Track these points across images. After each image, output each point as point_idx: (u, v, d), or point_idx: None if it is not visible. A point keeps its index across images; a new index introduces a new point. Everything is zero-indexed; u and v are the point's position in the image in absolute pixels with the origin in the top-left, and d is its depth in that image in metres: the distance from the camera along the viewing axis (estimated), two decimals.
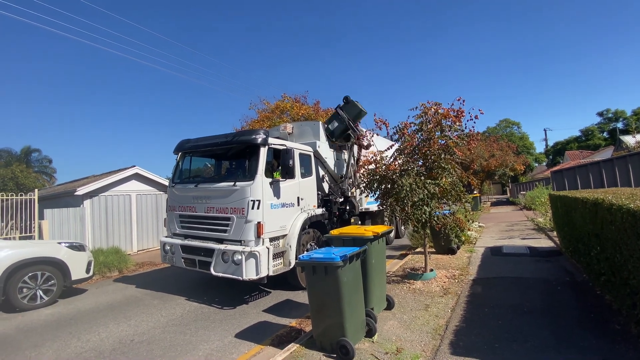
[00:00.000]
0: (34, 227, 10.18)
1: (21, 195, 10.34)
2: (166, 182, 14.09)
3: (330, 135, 8.18)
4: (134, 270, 9.43)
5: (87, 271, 7.02)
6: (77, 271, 6.76)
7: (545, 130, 63.82)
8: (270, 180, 5.96)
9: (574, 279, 5.84)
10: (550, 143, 54.70)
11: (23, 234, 9.99)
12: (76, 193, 11.22)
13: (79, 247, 7.07)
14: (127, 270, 9.33)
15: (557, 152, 52.71)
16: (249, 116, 21.15)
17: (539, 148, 57.24)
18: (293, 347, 3.87)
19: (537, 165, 55.23)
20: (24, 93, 74.34)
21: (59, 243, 6.81)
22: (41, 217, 10.71)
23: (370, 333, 4.05)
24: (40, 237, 10.03)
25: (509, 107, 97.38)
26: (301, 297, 6.07)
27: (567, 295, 5.11)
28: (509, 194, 43.51)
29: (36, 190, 11.29)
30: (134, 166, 13.17)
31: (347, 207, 8.22)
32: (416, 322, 4.47)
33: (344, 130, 8.08)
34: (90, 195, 11.63)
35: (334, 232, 4.95)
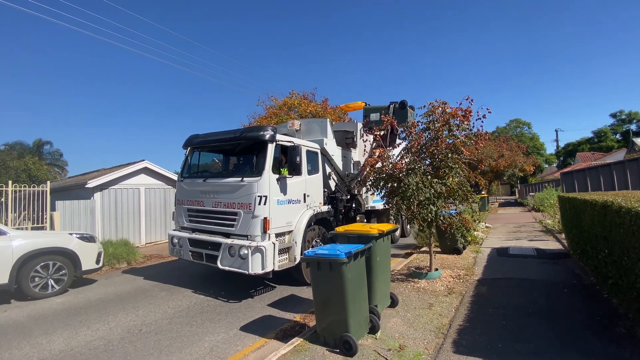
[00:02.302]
0: (45, 218, 10.40)
1: (34, 187, 10.57)
2: (174, 177, 14.26)
3: (366, 124, 8.53)
4: (142, 262, 9.59)
5: (97, 262, 7.17)
6: (88, 262, 6.91)
7: (556, 131, 62.49)
8: (277, 176, 6.01)
9: (581, 281, 5.78)
10: (562, 144, 53.93)
11: (35, 225, 10.22)
12: (87, 186, 11.42)
13: (90, 239, 7.22)
14: (135, 262, 9.49)
15: (568, 153, 51.92)
16: (256, 112, 21.31)
17: (550, 149, 56.47)
18: (297, 341, 3.92)
19: (547, 166, 54.42)
20: (36, 87, 75.62)
21: (70, 234, 6.96)
22: (53, 208, 10.94)
23: (373, 330, 4.08)
24: (52, 228, 10.24)
25: (520, 108, 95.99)
26: (305, 292, 6.13)
27: (573, 297, 5.07)
28: (517, 195, 43.02)
29: (48, 182, 11.52)
30: (143, 160, 13.34)
31: (353, 205, 8.24)
32: (420, 321, 4.49)
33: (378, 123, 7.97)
34: (101, 188, 11.83)
35: (339, 229, 4.98)
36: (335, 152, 8.08)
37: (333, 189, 7.91)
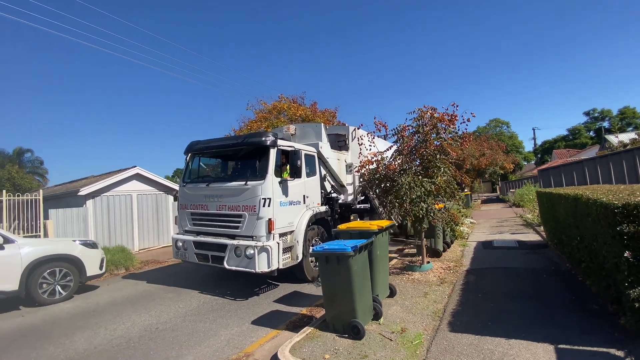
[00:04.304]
0: (39, 227, 10.36)
1: (27, 195, 10.54)
2: (166, 182, 14.35)
3: None
4: (139, 267, 9.71)
5: (100, 268, 7.33)
6: (92, 268, 7.06)
7: (534, 129, 65.02)
8: (279, 179, 6.33)
9: (559, 268, 6.38)
10: (539, 142, 56.04)
11: (28, 234, 10.16)
12: (79, 193, 11.43)
13: (92, 245, 7.37)
14: (133, 267, 9.61)
15: (545, 150, 54.03)
16: (246, 116, 21.37)
17: (528, 147, 58.62)
18: (308, 329, 4.28)
19: (526, 163, 56.47)
20: (16, 94, 73.05)
21: (74, 241, 7.10)
22: (45, 217, 10.90)
23: (377, 316, 4.49)
24: (46, 236, 10.21)
25: (498, 107, 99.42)
26: (307, 288, 6.50)
27: (552, 282, 5.63)
28: (498, 192, 44.52)
29: (41, 190, 11.48)
30: (135, 166, 13.35)
31: (364, 205, 8.55)
32: (417, 307, 4.93)
33: None
34: (93, 195, 11.84)
35: (342, 226, 5.37)
36: (329, 154, 8.43)
37: (329, 190, 8.29)
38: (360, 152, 8.04)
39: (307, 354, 3.67)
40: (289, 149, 6.62)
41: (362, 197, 8.65)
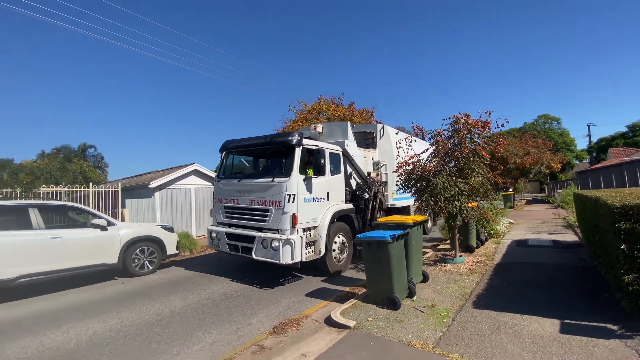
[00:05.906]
0: (117, 214, 12.25)
1: (109, 187, 12.49)
2: None
3: None
4: (201, 251, 11.22)
5: (177, 248, 8.81)
6: (170, 248, 8.55)
7: (588, 125, 60.56)
8: (304, 176, 6.63)
9: (586, 264, 6.81)
10: (595, 139, 52.24)
11: None
12: (150, 186, 13.25)
13: (170, 229, 8.87)
14: (196, 251, 11.14)
15: (600, 149, 50.41)
16: (288, 117, 22.75)
17: (582, 144, 54.87)
18: (353, 301, 5.27)
19: (578, 162, 53.02)
20: (81, 92, 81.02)
21: (157, 225, 8.62)
22: (122, 205, 12.82)
23: (410, 295, 5.36)
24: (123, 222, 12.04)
25: (551, 103, 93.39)
26: (348, 273, 7.47)
27: (576, 275, 6.14)
28: (546, 192, 42.47)
29: (119, 183, 13.46)
30: (194, 163, 15.09)
31: (374, 203, 8.69)
32: (447, 290, 5.73)
33: None
34: (160, 188, 13.64)
35: (381, 219, 6.28)
36: (356, 152, 8.53)
37: (354, 187, 8.42)
38: (397, 155, 8.69)
39: (353, 317, 4.66)
40: (314, 147, 6.99)
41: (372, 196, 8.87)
